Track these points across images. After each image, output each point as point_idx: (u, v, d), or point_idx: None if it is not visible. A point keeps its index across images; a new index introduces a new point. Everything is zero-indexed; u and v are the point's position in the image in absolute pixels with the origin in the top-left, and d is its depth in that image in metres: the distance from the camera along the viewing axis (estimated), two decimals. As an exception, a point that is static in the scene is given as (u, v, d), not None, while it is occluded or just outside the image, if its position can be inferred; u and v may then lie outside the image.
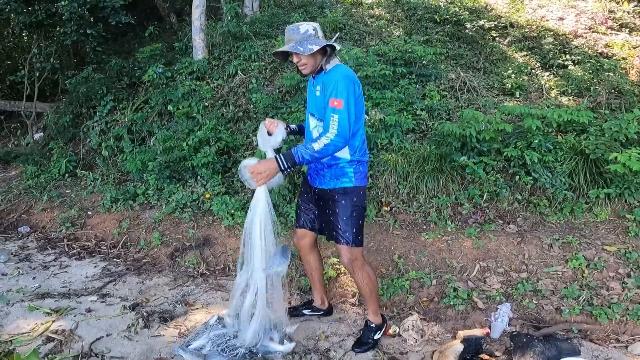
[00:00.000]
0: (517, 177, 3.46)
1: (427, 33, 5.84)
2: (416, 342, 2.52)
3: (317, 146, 2.07)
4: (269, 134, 2.36)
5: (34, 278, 3.32)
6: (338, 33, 5.57)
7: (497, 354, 2.39)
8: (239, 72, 5.09)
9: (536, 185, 3.46)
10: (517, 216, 3.37)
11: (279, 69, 5.13)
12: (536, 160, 3.32)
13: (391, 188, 3.64)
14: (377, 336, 2.48)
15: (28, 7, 5.32)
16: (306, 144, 2.12)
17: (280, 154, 2.13)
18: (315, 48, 2.11)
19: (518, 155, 3.37)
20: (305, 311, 2.77)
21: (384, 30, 5.93)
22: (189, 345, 2.37)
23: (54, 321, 2.66)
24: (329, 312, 2.79)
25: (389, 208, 3.56)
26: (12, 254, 3.76)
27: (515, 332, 2.51)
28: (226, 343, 2.35)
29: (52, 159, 5.24)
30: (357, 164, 2.27)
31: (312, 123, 2.30)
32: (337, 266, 3.18)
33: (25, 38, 7.10)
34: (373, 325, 2.49)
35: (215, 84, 5.10)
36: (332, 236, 2.34)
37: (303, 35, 2.14)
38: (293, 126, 2.49)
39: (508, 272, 2.94)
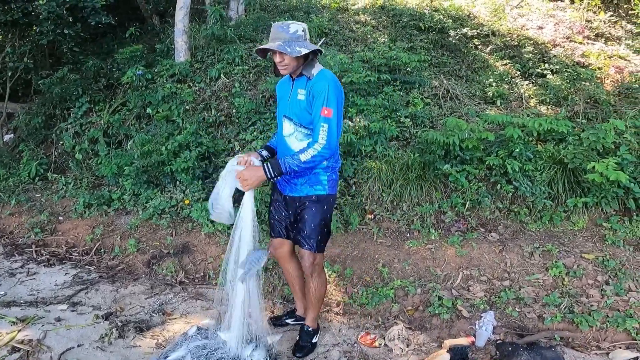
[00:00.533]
0: (499, 185, 3.52)
1: (411, 40, 5.93)
2: (402, 351, 2.51)
3: (304, 157, 2.07)
4: None
5: (-1, 286, 3.19)
6: (324, 38, 5.60)
7: (481, 362, 2.41)
8: (222, 75, 5.04)
9: (517, 193, 3.53)
10: (498, 224, 3.43)
11: (262, 73, 5.11)
12: (517, 169, 3.39)
13: (375, 196, 3.65)
14: (314, 340, 2.55)
15: (4, 5, 5.15)
16: (293, 155, 2.10)
17: (268, 162, 2.12)
18: (304, 51, 2.04)
19: (499, 164, 3.44)
20: (288, 320, 2.73)
21: (369, 36, 5.99)
22: (167, 357, 2.29)
23: (19, 330, 2.55)
24: None
25: (372, 216, 3.56)
26: (-24, 261, 3.59)
27: (500, 341, 2.54)
28: (207, 355, 2.29)
29: (22, 162, 5.05)
30: (331, 171, 2.27)
31: (289, 128, 2.21)
32: (320, 274, 3.15)
33: (0, 37, 6.86)
34: (311, 329, 2.54)
35: (197, 87, 5.04)
36: (297, 240, 2.36)
37: (292, 35, 2.05)
38: (265, 153, 2.43)
39: (491, 280, 2.97)
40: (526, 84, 5.16)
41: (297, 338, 2.54)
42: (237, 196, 2.21)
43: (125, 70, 5.21)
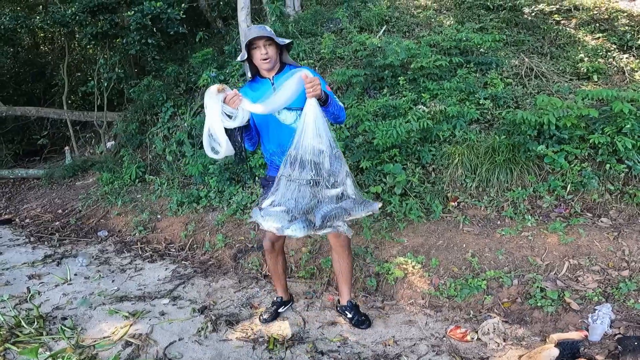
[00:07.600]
0: (607, 165, 3.00)
1: (480, 20, 5.41)
2: (499, 346, 2.25)
3: (340, 104, 2.26)
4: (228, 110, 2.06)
5: (112, 281, 3.38)
6: (385, 26, 5.25)
7: (598, 357, 2.06)
8: (290, 70, 4.91)
9: (631, 173, 2.99)
10: (609, 208, 2.92)
11: (328, 65, 4.89)
12: (630, 147, 2.85)
13: (457, 182, 3.29)
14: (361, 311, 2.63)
15: (93, 18, 5.48)
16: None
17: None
18: (287, 40, 2.22)
19: (607, 142, 2.91)
20: (280, 310, 2.72)
21: (433, 20, 5.58)
22: (261, 205, 2.10)
23: (131, 325, 2.66)
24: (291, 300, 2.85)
25: (456, 203, 3.22)
26: (93, 257, 3.88)
27: (622, 335, 2.16)
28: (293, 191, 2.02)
29: (123, 166, 5.41)
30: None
31: (291, 116, 2.24)
32: (404, 266, 2.92)
33: (91, 50, 7.35)
34: (356, 302, 2.62)
35: (267, 84, 4.97)
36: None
37: (271, 32, 2.18)
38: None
39: (605, 270, 2.54)
40: (626, 57, 4.43)
41: (350, 316, 2.55)
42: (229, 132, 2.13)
43: (200, 74, 5.31)
